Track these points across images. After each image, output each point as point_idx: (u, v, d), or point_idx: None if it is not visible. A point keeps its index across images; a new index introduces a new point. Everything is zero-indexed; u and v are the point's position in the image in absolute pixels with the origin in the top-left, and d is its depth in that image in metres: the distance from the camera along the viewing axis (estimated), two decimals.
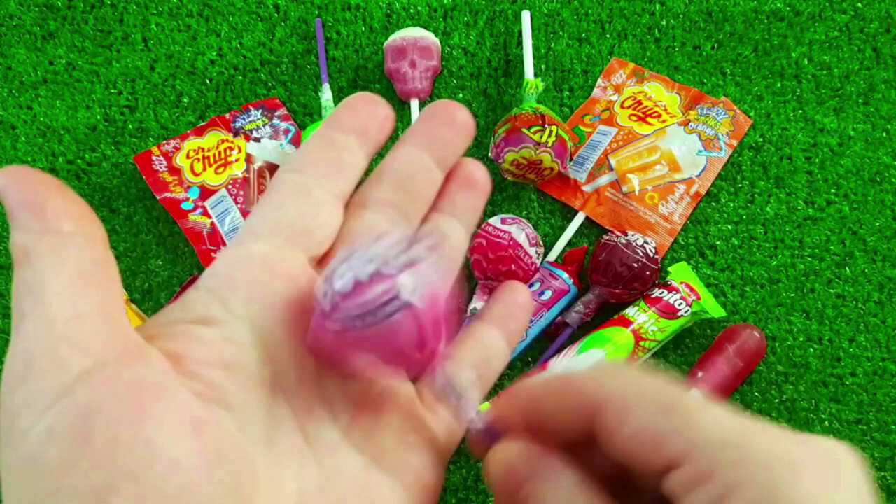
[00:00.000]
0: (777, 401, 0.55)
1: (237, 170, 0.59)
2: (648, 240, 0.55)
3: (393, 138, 0.41)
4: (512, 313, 0.25)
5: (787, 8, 0.65)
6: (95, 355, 0.16)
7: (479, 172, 0.24)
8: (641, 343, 0.52)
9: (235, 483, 0.16)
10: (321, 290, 0.18)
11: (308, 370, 0.20)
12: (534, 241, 0.55)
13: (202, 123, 0.61)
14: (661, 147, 0.59)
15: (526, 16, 0.62)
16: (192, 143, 0.60)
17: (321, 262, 0.22)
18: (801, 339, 0.56)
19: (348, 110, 0.22)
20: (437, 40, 0.62)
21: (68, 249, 0.17)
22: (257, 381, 0.18)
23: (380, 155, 0.33)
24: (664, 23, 0.65)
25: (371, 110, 0.22)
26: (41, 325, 0.16)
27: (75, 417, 0.15)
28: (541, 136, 0.55)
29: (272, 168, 0.60)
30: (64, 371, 0.16)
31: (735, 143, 0.60)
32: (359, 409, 0.20)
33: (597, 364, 0.19)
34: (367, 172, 0.23)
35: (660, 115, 0.61)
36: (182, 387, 0.17)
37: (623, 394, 0.17)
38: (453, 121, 0.23)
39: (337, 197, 0.22)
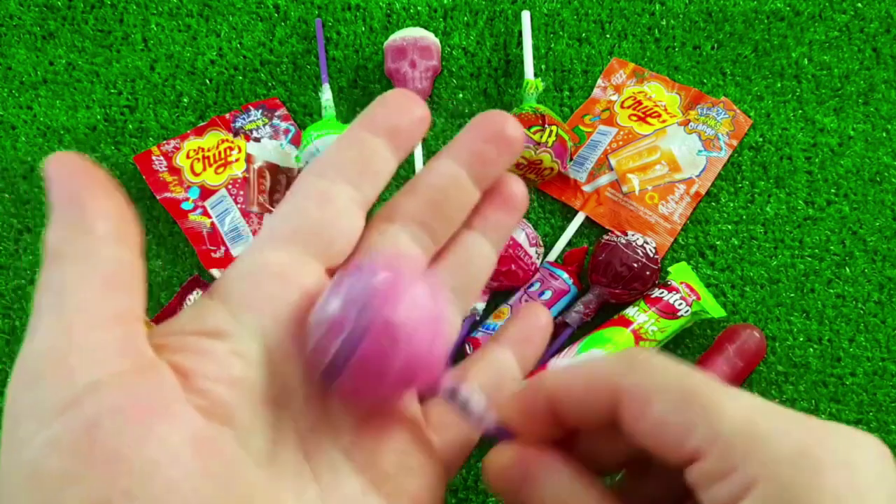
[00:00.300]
0: (777, 401, 0.54)
1: (237, 170, 0.59)
2: (648, 240, 0.55)
3: None
4: (530, 337, 0.24)
5: (787, 8, 0.65)
6: (106, 368, 0.16)
7: (518, 190, 0.23)
8: (641, 343, 0.52)
9: (235, 503, 0.16)
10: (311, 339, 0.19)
11: (314, 387, 0.20)
12: (534, 241, 0.55)
13: (202, 123, 0.61)
14: (661, 147, 0.59)
15: (526, 16, 0.62)
16: (192, 143, 0.60)
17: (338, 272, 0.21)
18: (801, 339, 0.56)
19: (382, 108, 0.21)
20: (437, 40, 0.62)
21: (99, 253, 0.17)
22: (262, 398, 0.18)
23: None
24: (664, 23, 0.65)
25: (406, 109, 0.21)
26: (56, 330, 0.16)
27: (80, 430, 0.15)
28: (541, 136, 0.55)
29: (272, 168, 0.60)
30: (73, 381, 0.15)
31: (735, 143, 0.60)
32: (362, 430, 0.20)
33: (620, 352, 0.19)
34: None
35: (660, 115, 0.61)
36: (188, 404, 0.17)
37: (643, 384, 0.17)
38: (500, 135, 0.21)
39: (360, 205, 0.21)
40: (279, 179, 0.60)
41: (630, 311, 0.53)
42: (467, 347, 0.54)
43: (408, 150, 0.22)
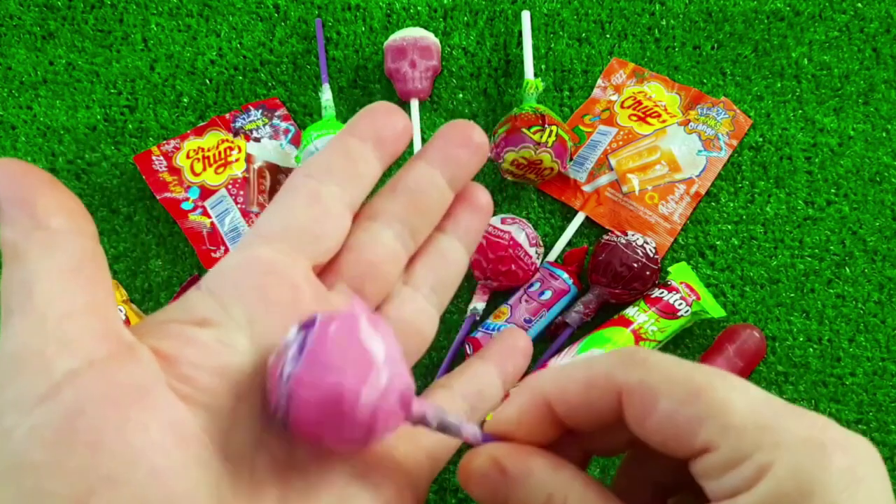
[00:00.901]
0: None
1: (237, 170, 0.59)
2: (648, 240, 0.55)
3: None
4: (511, 356, 0.25)
5: (787, 8, 0.65)
6: (83, 355, 0.16)
7: (483, 198, 0.25)
8: (641, 343, 0.52)
9: (217, 491, 0.16)
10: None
11: None
12: (534, 241, 0.55)
13: (202, 123, 0.61)
14: (661, 147, 0.59)
15: (526, 16, 0.62)
16: (192, 143, 0.60)
17: (325, 270, 0.22)
18: (801, 339, 0.56)
19: (368, 118, 0.22)
20: (437, 40, 0.62)
21: (58, 246, 0.17)
22: (248, 387, 0.18)
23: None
24: (664, 23, 0.65)
25: (390, 121, 0.22)
26: (29, 324, 0.16)
27: (59, 419, 0.15)
28: (541, 136, 0.55)
29: (272, 168, 0.60)
30: (51, 371, 0.15)
31: (735, 143, 0.60)
32: None
33: (616, 351, 0.19)
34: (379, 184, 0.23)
35: (660, 115, 0.61)
36: (170, 390, 0.17)
37: (648, 381, 0.17)
38: (469, 141, 0.23)
39: (347, 206, 0.22)
40: (279, 179, 0.60)
41: (630, 311, 0.53)
42: (467, 347, 0.54)
43: (392, 158, 0.23)
